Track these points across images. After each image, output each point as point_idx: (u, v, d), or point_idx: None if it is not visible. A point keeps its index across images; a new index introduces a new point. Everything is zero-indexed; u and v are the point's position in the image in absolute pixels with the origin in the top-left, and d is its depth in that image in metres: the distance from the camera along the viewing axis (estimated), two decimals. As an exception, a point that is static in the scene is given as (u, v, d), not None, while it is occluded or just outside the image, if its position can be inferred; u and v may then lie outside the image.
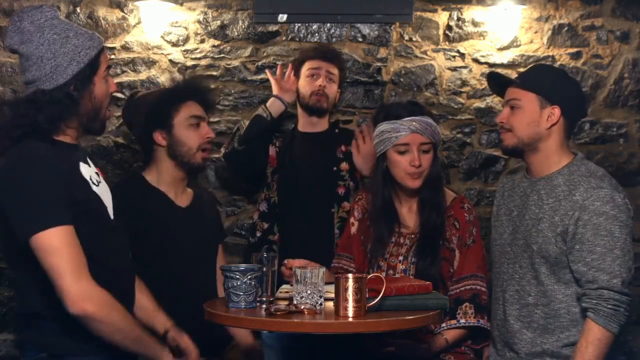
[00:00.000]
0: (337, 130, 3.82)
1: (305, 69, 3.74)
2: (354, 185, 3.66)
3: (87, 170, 2.37)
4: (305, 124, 3.78)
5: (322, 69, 3.70)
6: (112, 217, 2.42)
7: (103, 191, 2.41)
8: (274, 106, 3.71)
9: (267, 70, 3.90)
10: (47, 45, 2.28)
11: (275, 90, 3.76)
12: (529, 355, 2.73)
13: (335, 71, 3.74)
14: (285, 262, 2.83)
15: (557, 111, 2.72)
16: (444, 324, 2.90)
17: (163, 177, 3.12)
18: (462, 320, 2.90)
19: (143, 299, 2.57)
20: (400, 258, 2.98)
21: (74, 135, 2.39)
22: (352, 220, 3.19)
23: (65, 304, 2.19)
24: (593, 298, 2.59)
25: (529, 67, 3.34)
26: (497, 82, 2.94)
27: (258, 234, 3.71)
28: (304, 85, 3.72)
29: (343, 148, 3.70)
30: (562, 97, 2.74)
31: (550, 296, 2.70)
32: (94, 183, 2.37)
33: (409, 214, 3.05)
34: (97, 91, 2.37)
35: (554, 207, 2.69)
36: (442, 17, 4.09)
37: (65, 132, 2.35)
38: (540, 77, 2.79)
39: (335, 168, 3.69)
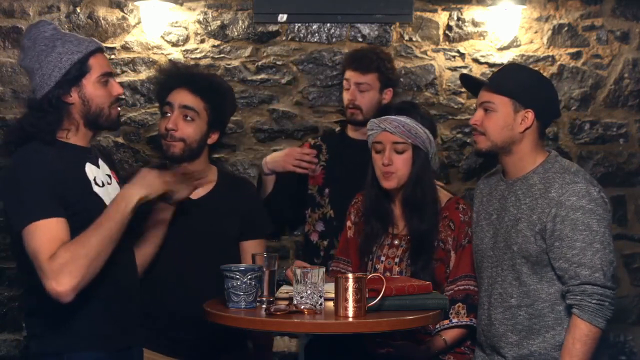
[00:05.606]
0: None
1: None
2: None
3: (93, 171, 2.45)
4: (354, 130, 3.61)
5: (350, 80, 3.54)
6: None
7: (109, 192, 2.46)
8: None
9: None
10: (36, 57, 2.40)
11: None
12: (517, 359, 2.72)
13: (364, 79, 3.52)
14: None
15: (530, 115, 2.71)
16: (437, 325, 2.90)
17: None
18: (455, 320, 2.90)
19: None
20: (397, 260, 2.97)
21: (85, 136, 2.47)
22: (348, 223, 3.17)
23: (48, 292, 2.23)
24: (577, 294, 2.57)
25: (501, 67, 3.25)
26: (470, 83, 2.92)
27: (322, 254, 3.57)
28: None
29: None
30: (535, 99, 2.71)
31: (534, 296, 2.69)
32: (97, 184, 2.44)
33: (400, 215, 3.03)
34: (89, 93, 2.43)
35: (531, 206, 2.68)
36: (442, 17, 4.09)
37: (73, 134, 2.45)
38: (513, 80, 2.74)
39: None
